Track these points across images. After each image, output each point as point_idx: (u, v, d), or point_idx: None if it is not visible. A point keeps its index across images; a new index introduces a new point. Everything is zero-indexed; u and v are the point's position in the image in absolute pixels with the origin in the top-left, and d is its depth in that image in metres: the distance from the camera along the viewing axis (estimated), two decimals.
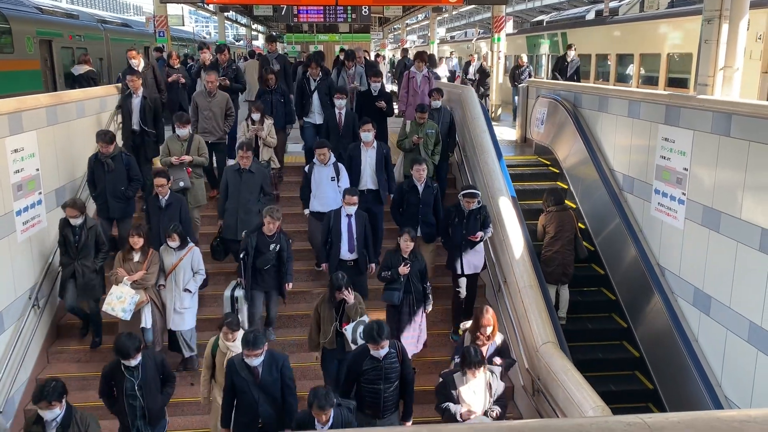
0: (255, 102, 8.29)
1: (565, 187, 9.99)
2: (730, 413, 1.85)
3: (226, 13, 29.32)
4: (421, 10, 26.45)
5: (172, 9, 19.62)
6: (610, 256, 8.56)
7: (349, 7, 13.56)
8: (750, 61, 9.95)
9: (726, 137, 6.25)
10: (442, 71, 17.09)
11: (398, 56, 18.80)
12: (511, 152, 11.57)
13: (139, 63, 9.46)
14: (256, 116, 8.30)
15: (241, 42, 45.63)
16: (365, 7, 13.61)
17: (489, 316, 5.55)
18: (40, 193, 7.08)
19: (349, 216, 6.75)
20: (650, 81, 13.60)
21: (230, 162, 8.68)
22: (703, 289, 6.62)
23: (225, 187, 7.28)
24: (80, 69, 12.22)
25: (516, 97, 14.41)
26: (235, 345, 5.27)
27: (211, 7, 24.95)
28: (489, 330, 5.53)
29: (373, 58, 17.32)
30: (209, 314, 7.30)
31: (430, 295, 6.68)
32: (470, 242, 6.92)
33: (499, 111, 16.12)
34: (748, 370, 5.93)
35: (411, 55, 16.17)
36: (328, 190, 7.35)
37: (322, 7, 13.46)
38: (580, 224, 8.92)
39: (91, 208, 7.72)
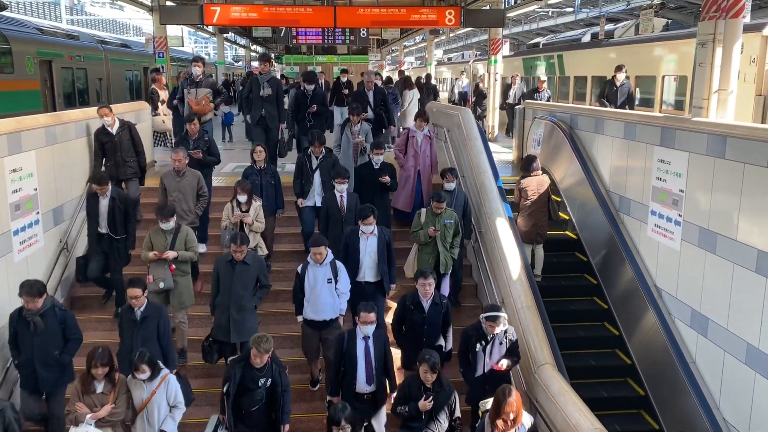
0: (241, 182, 7.30)
1: (567, 218, 10.00)
2: None
3: (225, 35, 29.62)
4: (419, 32, 26.74)
5: (172, 30, 19.79)
6: (605, 274, 8.58)
7: (347, 29, 13.72)
8: (744, 83, 10.05)
9: (721, 159, 6.29)
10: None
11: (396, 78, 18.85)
12: (508, 172, 11.63)
13: (113, 122, 8.13)
14: (242, 198, 7.21)
15: (240, 63, 45.95)
16: (363, 30, 13.76)
17: (512, 400, 4.74)
18: (38, 212, 7.08)
19: (366, 338, 5.67)
20: (646, 103, 13.71)
21: (201, 248, 8.01)
22: (700, 310, 6.62)
23: (216, 281, 6.39)
24: None
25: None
26: None
27: (210, 28, 25.21)
28: (512, 416, 4.76)
29: (386, 76, 16.03)
30: None
31: None
32: (496, 373, 5.78)
33: (496, 132, 16.24)
34: (746, 393, 5.91)
35: (411, 75, 16.28)
36: (325, 294, 6.27)
37: (320, 29, 13.62)
38: (571, 234, 9.42)
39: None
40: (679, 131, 7.04)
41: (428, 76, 18.89)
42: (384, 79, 10.80)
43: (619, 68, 11.77)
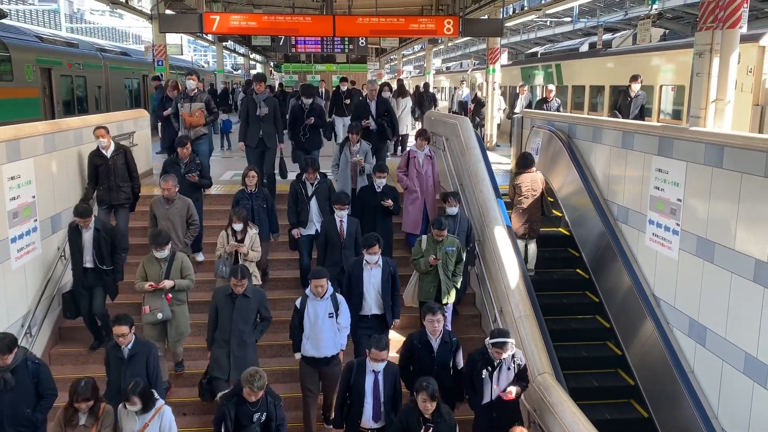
0: (237, 210, 7.07)
1: (560, 215, 10.06)
2: None
3: (224, 43, 29.71)
4: (418, 41, 26.84)
5: (171, 38, 19.85)
6: (605, 287, 8.57)
7: (346, 38, 13.75)
8: (741, 93, 10.09)
9: (719, 168, 6.31)
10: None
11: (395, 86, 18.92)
12: (506, 181, 11.63)
13: (108, 144, 7.81)
14: (237, 226, 6.95)
15: (239, 71, 46.08)
16: (362, 39, 13.80)
17: None
18: (36, 220, 7.07)
19: (376, 372, 5.39)
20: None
21: (199, 256, 8.25)
22: (699, 320, 6.61)
23: (214, 314, 6.08)
24: None
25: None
26: None
27: (209, 36, 25.29)
28: None
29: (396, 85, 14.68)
30: None
31: None
32: (504, 401, 5.49)
33: (494, 140, 16.28)
34: (744, 402, 5.90)
35: (403, 84, 16.28)
36: (326, 329, 5.95)
37: (319, 38, 13.64)
38: (574, 252, 9.41)
39: None
40: (677, 141, 7.06)
41: (426, 85, 18.98)
42: (379, 99, 10.32)
43: (634, 78, 10.89)
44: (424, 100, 17.28)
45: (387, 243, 7.67)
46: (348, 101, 13.59)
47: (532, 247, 9.02)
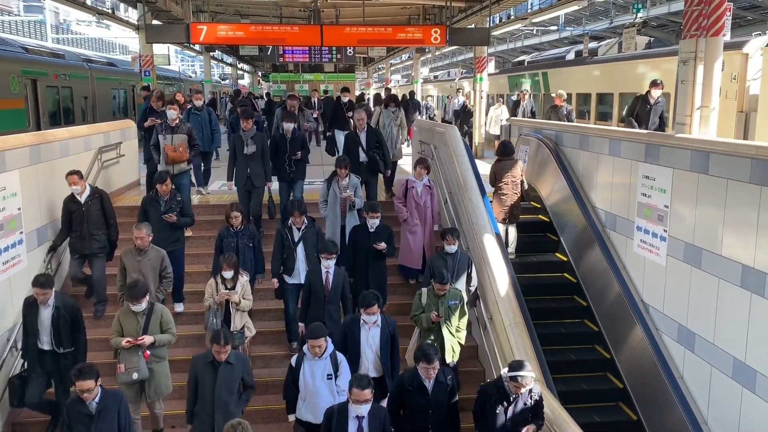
0: (227, 256, 6.49)
1: (555, 238, 10.06)
2: None
3: (211, 53, 29.69)
4: (405, 50, 26.94)
5: (158, 49, 19.81)
6: (594, 293, 8.60)
7: (334, 48, 13.78)
8: (726, 100, 10.21)
9: (705, 175, 6.36)
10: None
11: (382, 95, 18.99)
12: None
13: (83, 189, 7.29)
14: (227, 274, 6.40)
15: (227, 81, 46.02)
16: (350, 48, 13.83)
17: None
18: (21, 232, 7.01)
19: (359, 418, 4.74)
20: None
21: (178, 307, 7.72)
22: (687, 325, 6.65)
23: (194, 386, 5.43)
24: None
25: None
26: None
27: (197, 46, 25.25)
28: None
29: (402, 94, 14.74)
30: None
31: None
32: None
33: (481, 149, 16.35)
34: (733, 407, 5.92)
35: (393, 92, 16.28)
36: (323, 392, 5.35)
37: (307, 48, 13.65)
38: (562, 256, 9.53)
39: None
40: (663, 147, 7.11)
41: (411, 93, 19.14)
42: (368, 129, 9.25)
43: (655, 83, 9.68)
44: (409, 107, 17.35)
45: (382, 288, 7.21)
46: (350, 113, 12.91)
47: (512, 231, 9.40)
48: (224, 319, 6.43)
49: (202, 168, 10.46)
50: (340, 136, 11.98)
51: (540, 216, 10.36)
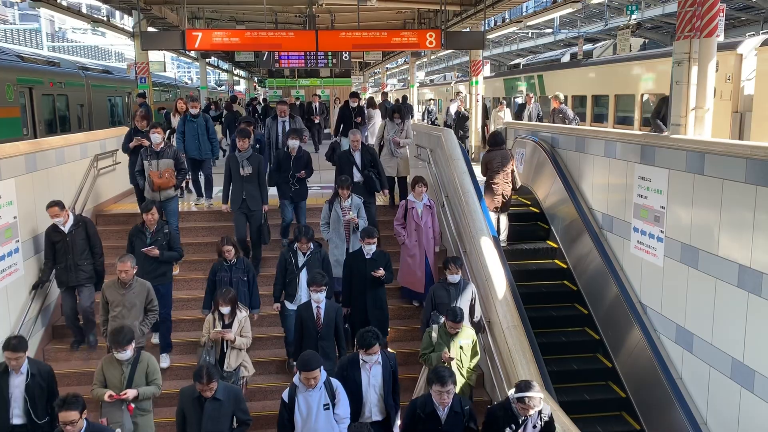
0: (224, 292, 6.14)
1: (546, 226, 10.10)
2: None
3: (207, 59, 29.72)
4: (401, 54, 26.99)
5: (154, 56, 19.83)
6: (592, 294, 8.60)
7: (329, 53, 13.78)
8: (720, 101, 10.23)
9: (700, 175, 6.37)
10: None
11: (378, 99, 19.03)
12: None
13: (66, 219, 6.98)
14: (225, 310, 6.07)
15: (223, 87, 46.07)
16: (345, 53, 13.84)
17: None
18: (18, 241, 6.99)
19: None
20: (625, 121, 13.89)
21: (164, 361, 7.14)
22: (685, 326, 6.65)
23: (181, 421, 5.09)
24: None
25: None
26: None
27: (192, 53, 25.28)
28: None
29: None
30: None
31: None
32: None
33: (478, 152, 16.36)
34: (732, 407, 5.92)
35: (392, 97, 16.26)
36: (322, 423, 4.99)
37: (303, 53, 13.64)
38: (561, 263, 9.46)
39: None
40: (659, 148, 7.12)
41: (404, 97, 19.23)
42: (363, 148, 8.94)
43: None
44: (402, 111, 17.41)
45: (382, 319, 6.91)
46: (359, 119, 12.47)
47: (504, 220, 9.66)
48: (219, 357, 6.06)
49: (203, 177, 10.29)
50: (346, 144, 11.58)
51: (539, 223, 10.34)
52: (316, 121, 17.32)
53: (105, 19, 18.13)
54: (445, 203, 9.08)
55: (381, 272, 6.80)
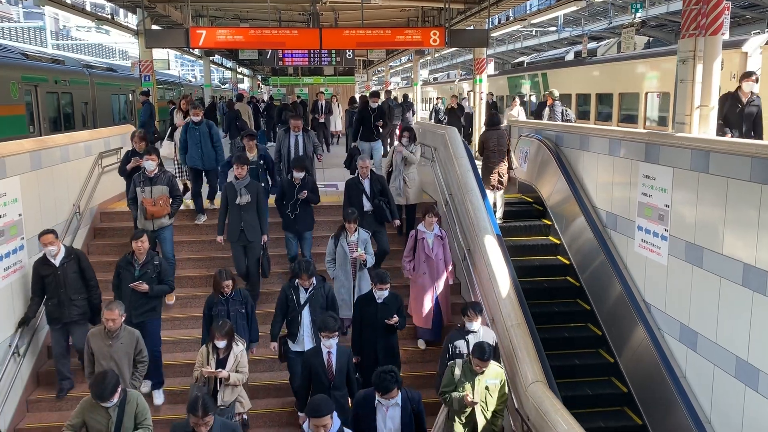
0: (220, 325, 5.75)
1: (549, 223, 10.11)
2: None
3: (211, 57, 29.74)
4: (404, 53, 26.98)
5: (158, 53, 19.85)
6: (595, 291, 8.60)
7: (333, 51, 13.78)
8: None
9: (705, 174, 6.36)
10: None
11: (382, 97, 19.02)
12: None
13: (58, 250, 6.59)
14: (221, 344, 5.69)
15: (227, 85, 46.12)
16: (349, 51, 13.84)
17: None
18: (23, 238, 7.01)
19: None
20: (630, 119, 13.87)
21: (158, 398, 6.83)
22: (689, 324, 6.64)
23: None
24: None
25: None
26: None
27: (196, 51, 25.30)
28: None
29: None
30: None
31: None
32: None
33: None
34: (736, 406, 5.91)
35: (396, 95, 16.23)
36: None
37: (306, 51, 13.64)
38: (564, 259, 9.50)
39: None
40: (663, 147, 7.11)
41: (405, 96, 19.26)
42: (372, 175, 8.31)
43: (747, 75, 7.89)
44: (403, 108, 17.46)
45: (395, 364, 6.24)
46: (380, 123, 11.31)
47: (500, 198, 10.14)
48: (212, 393, 5.64)
49: (208, 188, 9.57)
50: (366, 148, 11.03)
51: (543, 220, 10.38)
52: (321, 120, 17.23)
53: (109, 17, 18.15)
54: (449, 201, 9.08)
55: (395, 319, 6.31)
